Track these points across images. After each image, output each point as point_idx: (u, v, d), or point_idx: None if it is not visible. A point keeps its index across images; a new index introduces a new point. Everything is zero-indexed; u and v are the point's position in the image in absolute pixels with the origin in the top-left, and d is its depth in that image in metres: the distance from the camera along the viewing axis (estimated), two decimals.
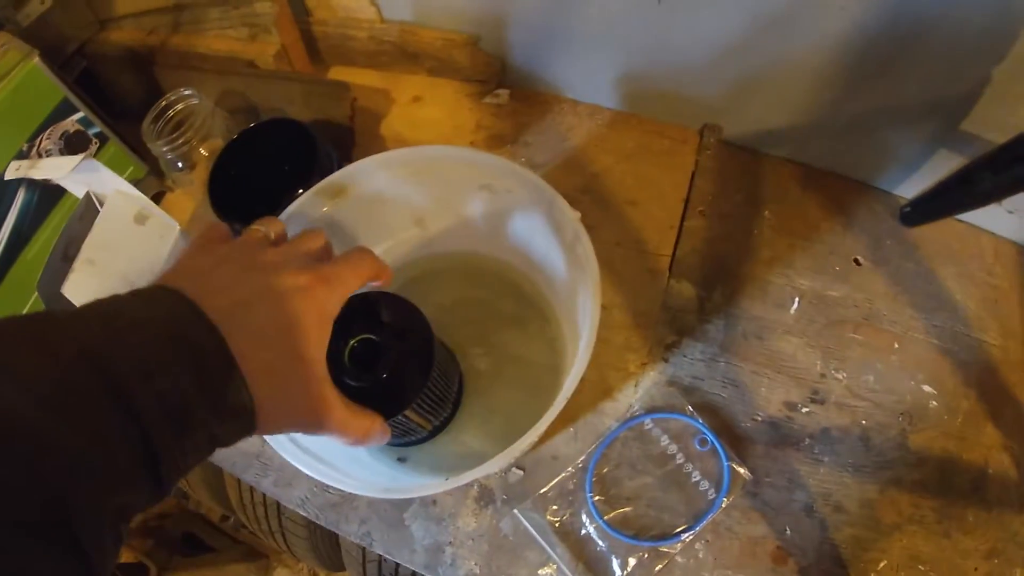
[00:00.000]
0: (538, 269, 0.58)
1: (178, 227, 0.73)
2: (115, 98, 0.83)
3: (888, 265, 0.69)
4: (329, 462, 0.48)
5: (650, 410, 0.62)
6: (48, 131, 0.71)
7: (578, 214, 0.49)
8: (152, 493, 0.28)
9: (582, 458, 0.61)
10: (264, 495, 0.89)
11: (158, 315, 0.29)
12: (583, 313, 0.50)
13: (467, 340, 0.63)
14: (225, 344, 0.30)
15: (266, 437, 0.47)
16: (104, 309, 0.29)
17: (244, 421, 0.31)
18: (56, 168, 0.67)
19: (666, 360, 0.64)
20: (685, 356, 0.64)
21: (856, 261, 0.70)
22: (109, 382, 0.26)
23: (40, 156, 0.71)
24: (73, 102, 0.72)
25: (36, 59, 0.70)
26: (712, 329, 0.66)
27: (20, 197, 0.72)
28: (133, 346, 0.27)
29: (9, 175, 0.67)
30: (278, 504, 0.88)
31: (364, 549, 0.80)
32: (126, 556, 1.38)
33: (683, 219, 0.66)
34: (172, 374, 0.27)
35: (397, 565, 0.77)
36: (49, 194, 0.72)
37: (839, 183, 0.73)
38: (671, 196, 0.70)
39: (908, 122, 0.64)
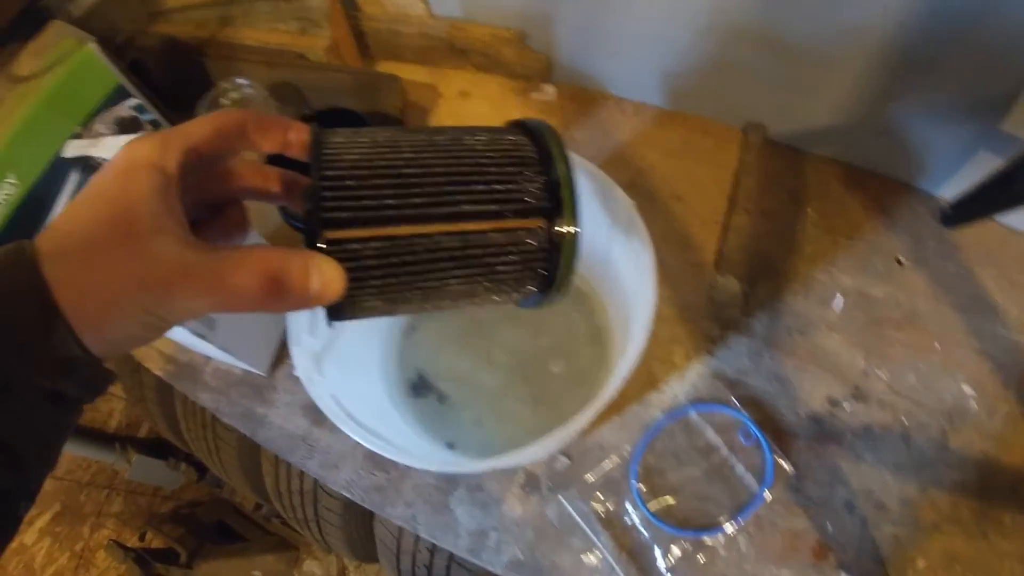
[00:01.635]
0: (591, 261, 0.59)
1: None
2: (164, 89, 0.85)
3: (929, 266, 0.69)
4: (385, 437, 0.49)
5: (695, 402, 0.63)
6: (102, 116, 0.73)
7: (632, 202, 0.50)
8: (6, 459, 0.26)
9: (628, 447, 0.61)
10: (301, 483, 0.90)
11: None
12: (634, 301, 0.51)
13: (515, 328, 0.64)
14: (45, 288, 0.25)
15: (321, 408, 0.48)
16: None
17: (80, 371, 0.27)
18: (115, 148, 0.69)
19: (711, 353, 0.65)
20: (730, 350, 0.65)
21: (898, 261, 0.70)
22: None
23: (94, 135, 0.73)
24: (128, 88, 0.74)
25: (92, 44, 0.72)
26: (757, 324, 0.66)
27: (73, 178, 0.74)
28: None
29: (68, 153, 0.69)
30: (315, 492, 0.89)
31: (399, 540, 0.81)
32: (157, 541, 1.40)
33: (728, 215, 0.67)
34: None
35: (431, 556, 0.78)
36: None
37: (881, 183, 0.73)
38: (716, 193, 0.71)
39: (949, 123, 0.64)
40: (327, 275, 0.29)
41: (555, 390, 0.62)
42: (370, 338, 0.62)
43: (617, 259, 0.55)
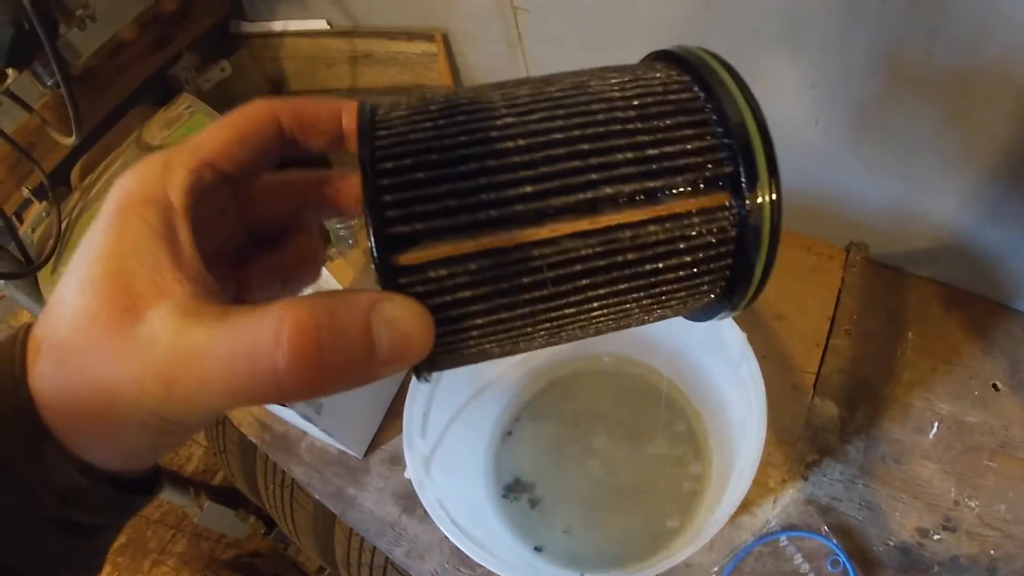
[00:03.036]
0: (689, 381, 0.60)
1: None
2: (283, 167, 0.90)
3: None
4: (480, 541, 0.50)
5: (786, 527, 0.62)
6: None
7: (745, 335, 0.51)
8: None
9: (715, 569, 0.61)
10: (372, 558, 0.91)
11: None
12: (740, 430, 0.52)
13: (612, 442, 0.65)
14: (30, 406, 0.20)
15: (429, 512, 0.49)
16: None
17: (88, 500, 0.21)
18: None
19: (805, 478, 0.64)
20: (825, 476, 0.65)
21: (994, 386, 0.69)
22: None
23: None
24: None
25: None
26: (852, 450, 0.66)
27: None
28: None
29: None
30: (385, 568, 0.91)
31: None
32: None
33: (829, 336, 0.67)
34: None
35: None
36: None
37: (980, 304, 0.73)
38: (817, 312, 0.71)
39: None
40: (403, 326, 0.19)
41: (646, 502, 0.63)
42: (472, 440, 0.64)
43: (722, 383, 0.56)
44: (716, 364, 0.55)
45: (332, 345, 0.18)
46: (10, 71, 0.75)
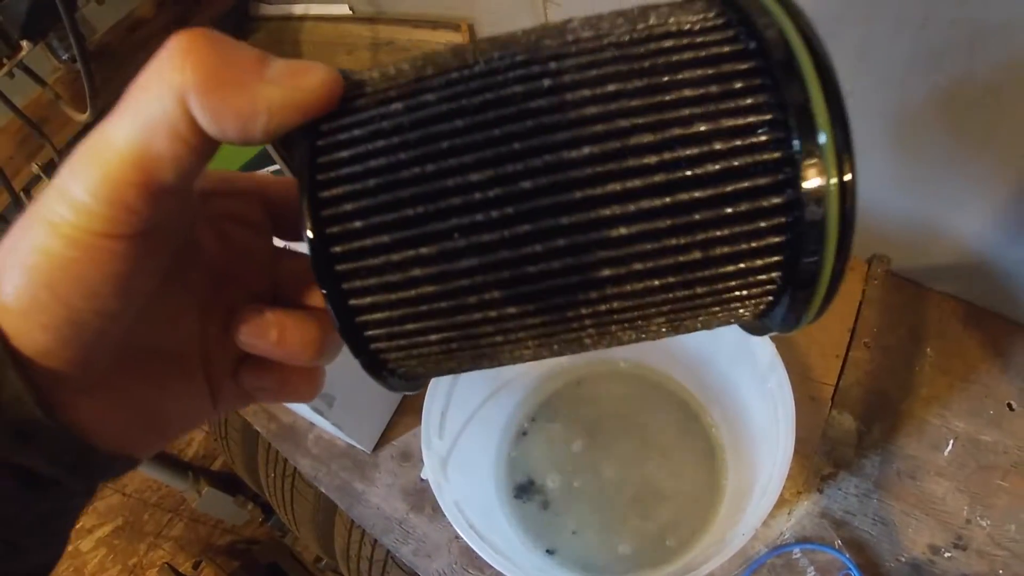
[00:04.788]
0: (710, 390, 0.60)
1: None
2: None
3: None
4: (495, 544, 0.49)
5: (800, 539, 0.62)
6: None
7: (774, 346, 0.50)
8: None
9: None
10: (372, 551, 0.91)
11: None
12: (762, 442, 0.51)
13: (627, 448, 0.64)
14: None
15: (447, 515, 0.49)
16: None
17: (43, 439, 0.19)
18: None
19: (821, 491, 0.64)
20: (840, 489, 0.64)
21: (1009, 406, 0.68)
22: None
23: None
24: (272, 155, 0.78)
25: None
26: (868, 464, 0.65)
27: None
28: None
29: None
30: (385, 563, 0.90)
31: None
32: (209, 571, 1.42)
33: (848, 349, 0.66)
34: None
35: None
36: None
37: (999, 323, 0.72)
38: (837, 324, 0.70)
39: None
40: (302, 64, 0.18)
41: (660, 508, 0.62)
42: (486, 440, 0.63)
43: (746, 394, 0.55)
44: (742, 375, 0.54)
45: (222, 40, 0.17)
46: (24, 43, 0.74)
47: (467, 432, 0.57)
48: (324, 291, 0.18)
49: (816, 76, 0.17)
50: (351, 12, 0.87)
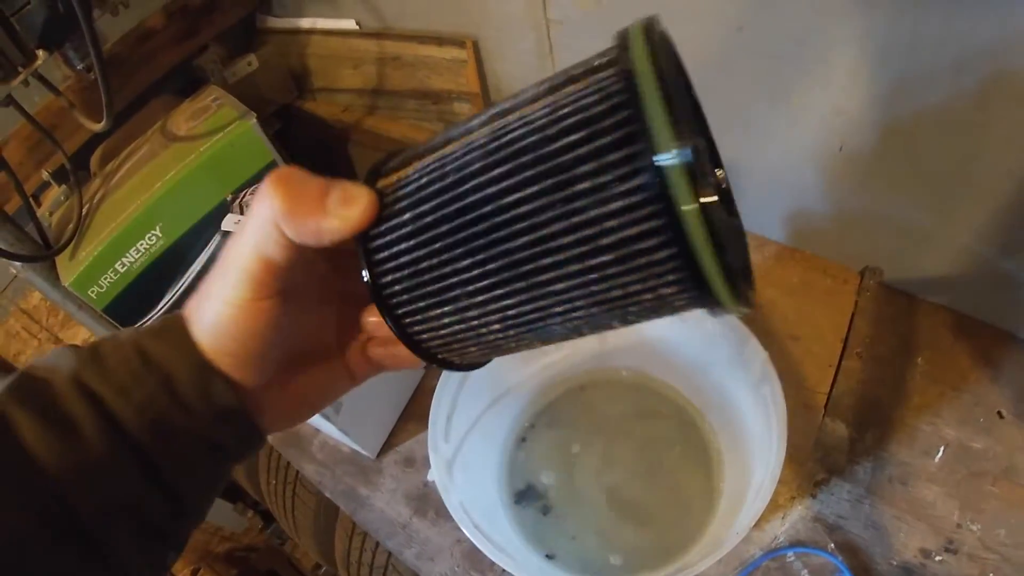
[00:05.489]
0: (707, 397, 0.61)
1: None
2: (307, 162, 0.91)
3: None
4: (496, 543, 0.51)
5: (794, 543, 0.63)
6: (252, 188, 0.78)
7: (767, 354, 0.52)
8: (168, 504, 0.29)
9: None
10: (373, 557, 0.92)
11: (145, 332, 0.30)
12: (756, 447, 0.53)
13: (626, 454, 0.66)
14: (194, 348, 0.29)
15: (453, 516, 0.50)
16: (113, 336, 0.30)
17: (235, 422, 0.30)
18: None
19: (814, 496, 0.65)
20: (832, 494, 0.66)
21: (999, 414, 0.70)
22: (94, 402, 0.28)
23: (242, 209, 0.78)
24: (280, 165, 0.79)
25: (253, 121, 0.76)
26: (860, 470, 0.67)
27: (215, 241, 0.79)
28: (111, 368, 0.28)
29: (226, 226, 0.74)
30: (385, 569, 0.91)
31: None
32: None
33: (841, 359, 0.68)
34: (145, 386, 0.28)
35: None
36: None
37: (989, 333, 0.74)
38: (831, 335, 0.72)
39: None
40: (351, 189, 0.27)
41: (658, 514, 0.64)
42: (488, 445, 0.65)
43: (741, 401, 0.57)
44: (737, 382, 0.56)
45: (299, 179, 0.27)
46: (40, 52, 0.75)
47: (471, 437, 0.59)
48: (388, 323, 0.28)
49: (668, 125, 0.20)
50: (358, 27, 0.89)
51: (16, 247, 0.75)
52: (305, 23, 0.95)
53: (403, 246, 0.26)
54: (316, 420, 0.66)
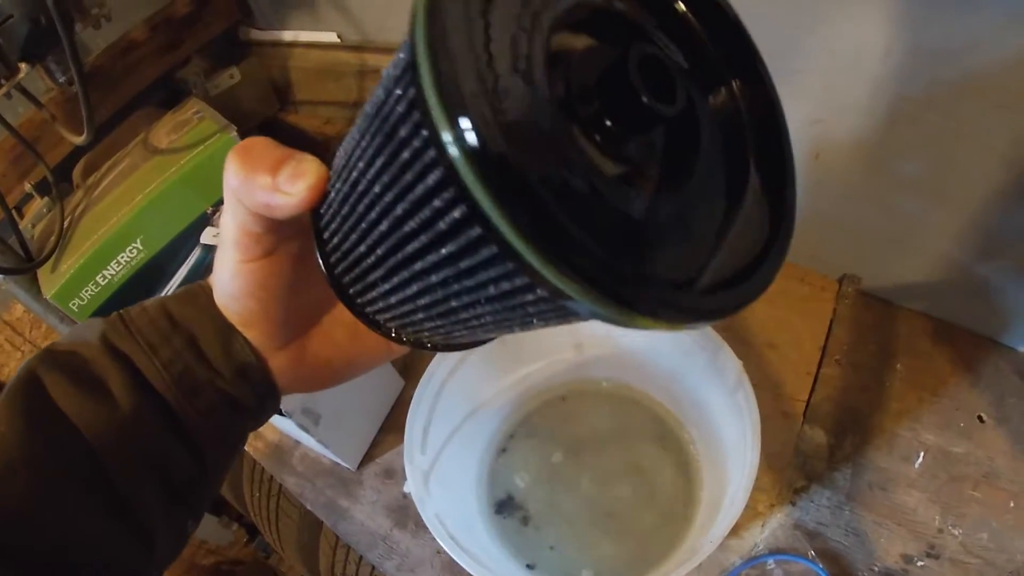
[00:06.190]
0: (684, 407, 0.61)
1: None
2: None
3: (1010, 423, 0.69)
4: (477, 557, 0.51)
5: (774, 551, 0.63)
6: None
7: (741, 363, 0.52)
8: (191, 459, 0.31)
9: None
10: (357, 569, 0.92)
11: (169, 298, 0.32)
12: (733, 456, 0.53)
13: (606, 463, 0.66)
14: (216, 310, 0.31)
15: (429, 527, 0.50)
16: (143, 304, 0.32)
17: (254, 377, 0.31)
18: None
19: (793, 504, 0.66)
20: (812, 501, 0.66)
21: (980, 418, 0.70)
22: (123, 360, 0.30)
23: None
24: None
25: (233, 134, 0.77)
26: (840, 477, 0.67)
27: (195, 254, 0.79)
28: (139, 329, 0.30)
29: (205, 239, 0.74)
30: None
31: None
32: None
33: (819, 366, 0.69)
34: (171, 344, 0.30)
35: None
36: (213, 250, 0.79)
37: (968, 338, 0.74)
38: (809, 342, 0.73)
39: None
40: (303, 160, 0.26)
41: (638, 523, 0.64)
42: (468, 456, 0.65)
43: (717, 409, 0.57)
44: (712, 391, 0.56)
45: (258, 151, 0.26)
46: (22, 65, 0.76)
47: (449, 448, 0.59)
48: (342, 301, 0.27)
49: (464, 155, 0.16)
50: (339, 40, 0.90)
51: None
52: (287, 36, 0.95)
53: (333, 227, 0.25)
54: (296, 432, 0.66)
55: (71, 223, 0.80)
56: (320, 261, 0.26)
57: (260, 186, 0.25)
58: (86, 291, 0.74)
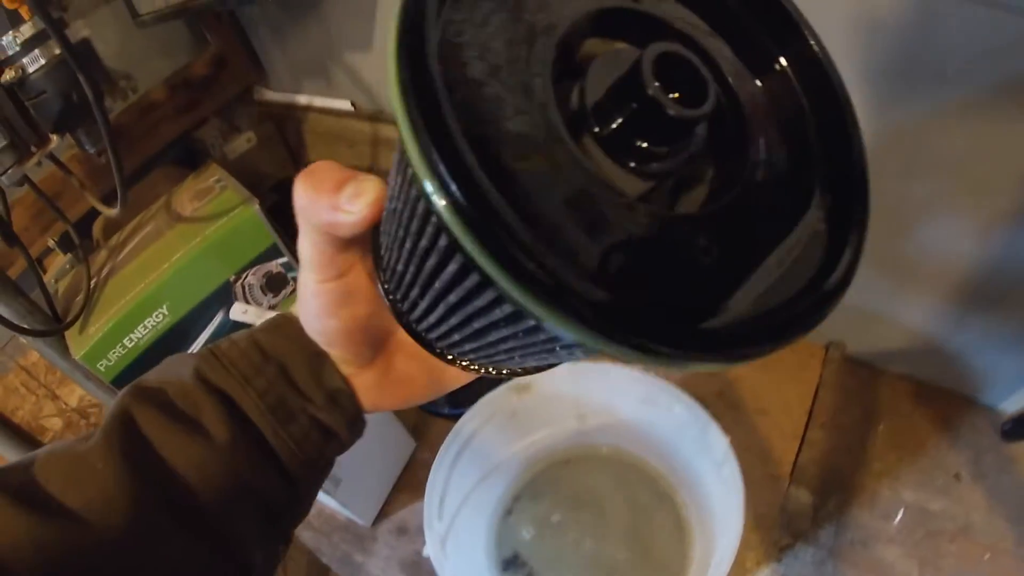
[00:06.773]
0: (679, 474, 0.66)
1: None
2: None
3: (986, 479, 0.74)
4: None
5: None
6: (255, 269, 0.83)
7: (728, 439, 0.57)
8: (285, 487, 0.32)
9: None
10: None
11: (257, 330, 0.33)
12: (721, 520, 0.57)
13: (605, 523, 0.71)
14: (305, 338, 0.32)
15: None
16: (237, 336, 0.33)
17: (343, 403, 0.32)
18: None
19: (779, 561, 0.70)
20: (797, 559, 0.70)
21: (956, 476, 0.75)
22: (217, 394, 0.31)
23: (244, 289, 0.82)
24: (280, 248, 0.84)
25: (255, 207, 0.81)
26: (823, 535, 0.72)
27: (218, 318, 0.83)
28: (232, 362, 0.31)
29: (233, 315, 0.78)
30: None
31: None
32: None
33: (806, 429, 0.73)
34: (264, 375, 0.31)
35: None
36: (240, 326, 0.83)
37: (947, 398, 0.79)
38: (797, 407, 0.77)
39: (1013, 348, 0.71)
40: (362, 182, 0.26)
41: None
42: (478, 518, 0.69)
43: (707, 479, 0.62)
44: (703, 463, 0.61)
45: (321, 174, 0.27)
46: (54, 137, 0.80)
47: (463, 512, 0.63)
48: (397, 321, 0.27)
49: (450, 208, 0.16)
50: (353, 108, 0.94)
51: (27, 319, 0.78)
52: (302, 99, 0.99)
53: (385, 245, 0.25)
54: (320, 496, 0.70)
55: (97, 284, 0.83)
56: (377, 277, 0.27)
57: (324, 206, 0.26)
58: (113, 352, 0.78)
